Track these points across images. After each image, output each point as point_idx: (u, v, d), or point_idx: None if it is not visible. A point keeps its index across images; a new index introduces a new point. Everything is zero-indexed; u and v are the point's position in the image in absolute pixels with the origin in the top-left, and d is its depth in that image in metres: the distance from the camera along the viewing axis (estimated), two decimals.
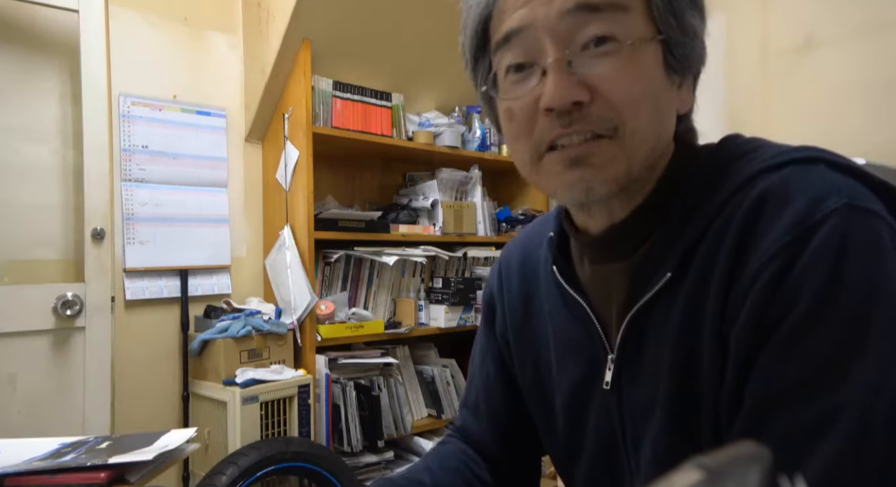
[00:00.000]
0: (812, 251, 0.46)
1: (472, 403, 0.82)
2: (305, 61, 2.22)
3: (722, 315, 0.51)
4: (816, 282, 0.45)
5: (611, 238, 0.59)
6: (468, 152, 2.72)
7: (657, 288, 0.55)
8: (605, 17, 0.51)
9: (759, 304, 0.47)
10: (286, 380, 2.02)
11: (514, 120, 0.57)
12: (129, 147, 2.13)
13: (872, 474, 0.42)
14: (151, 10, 2.20)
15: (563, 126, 0.53)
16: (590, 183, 0.54)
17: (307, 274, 2.19)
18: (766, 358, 0.47)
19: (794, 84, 2.30)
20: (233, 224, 2.37)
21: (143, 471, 0.98)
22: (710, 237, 0.53)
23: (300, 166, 2.23)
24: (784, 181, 0.50)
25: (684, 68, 0.56)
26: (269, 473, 1.81)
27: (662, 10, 0.53)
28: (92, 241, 1.91)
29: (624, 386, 0.60)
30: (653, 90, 0.53)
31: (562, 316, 0.67)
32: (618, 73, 0.52)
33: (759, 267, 0.48)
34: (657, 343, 0.56)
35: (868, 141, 2.08)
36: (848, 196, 0.47)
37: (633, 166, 0.54)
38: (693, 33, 0.55)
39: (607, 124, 0.52)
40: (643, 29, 0.53)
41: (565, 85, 0.51)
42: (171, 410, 2.20)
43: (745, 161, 0.55)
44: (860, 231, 0.46)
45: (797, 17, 2.29)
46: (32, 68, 1.93)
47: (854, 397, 0.43)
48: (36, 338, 1.84)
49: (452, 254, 2.67)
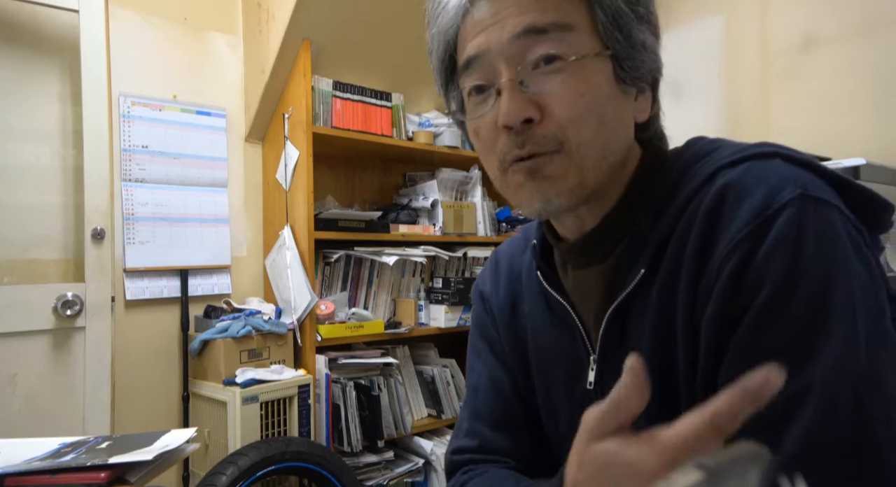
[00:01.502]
0: (771, 240, 0.49)
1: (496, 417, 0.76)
2: (305, 61, 2.22)
3: (692, 307, 0.54)
4: (777, 270, 0.48)
5: (586, 244, 0.63)
6: (468, 152, 2.72)
7: (632, 285, 0.58)
8: (552, 37, 0.55)
9: (726, 293, 0.50)
10: (286, 380, 2.02)
11: (481, 137, 0.61)
12: (129, 147, 2.14)
13: (844, 449, 0.44)
14: (151, 10, 2.20)
15: (519, 147, 0.57)
16: (546, 194, 0.57)
17: (307, 274, 2.19)
18: (735, 344, 0.50)
19: (794, 84, 2.30)
20: (233, 224, 2.37)
21: (143, 471, 0.98)
22: (677, 233, 0.56)
23: (300, 166, 2.23)
24: (742, 175, 0.53)
25: (636, 79, 0.59)
26: (269, 473, 1.81)
27: (608, 27, 0.56)
28: (92, 241, 1.91)
29: (607, 386, 0.61)
30: (598, 103, 0.56)
31: (545, 319, 0.69)
32: (564, 89, 0.55)
33: (723, 257, 0.51)
34: (637, 340, 0.59)
35: (868, 141, 2.08)
36: (802, 186, 0.50)
37: (586, 177, 0.57)
38: (642, 46, 0.58)
39: (553, 141, 0.56)
40: (589, 45, 0.56)
41: (517, 102, 0.55)
42: (171, 410, 2.20)
43: (706, 160, 0.58)
44: (815, 219, 0.49)
45: (797, 17, 2.30)
46: (32, 68, 1.93)
47: (815, 381, 0.45)
48: (36, 338, 1.84)
49: (452, 254, 2.67)
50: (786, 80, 2.32)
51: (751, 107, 2.40)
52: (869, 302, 0.48)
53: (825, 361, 0.45)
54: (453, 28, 0.60)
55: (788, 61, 2.32)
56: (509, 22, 0.56)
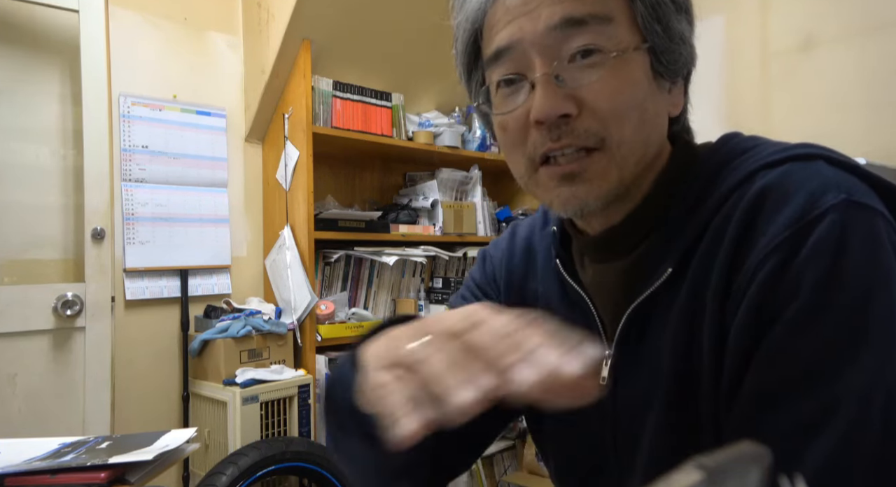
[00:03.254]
0: (811, 246, 0.46)
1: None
2: (305, 61, 2.22)
3: (722, 311, 0.51)
4: (815, 277, 0.45)
5: (609, 239, 0.60)
6: (468, 152, 2.72)
7: (658, 283, 0.56)
8: (591, 29, 0.52)
9: (759, 299, 0.48)
10: (286, 380, 2.02)
11: (508, 132, 0.58)
12: (129, 147, 2.14)
13: (869, 469, 0.42)
14: (151, 10, 2.20)
15: (553, 140, 0.54)
16: (583, 199, 0.55)
17: (307, 274, 2.19)
18: (765, 352, 0.47)
19: (794, 84, 2.30)
20: (233, 224, 2.37)
21: (143, 471, 0.98)
22: (710, 234, 0.53)
23: (300, 166, 2.23)
24: (783, 177, 0.50)
25: (673, 72, 0.57)
26: (269, 473, 1.81)
27: (647, 19, 0.54)
28: (92, 241, 1.91)
29: (619, 382, 0.60)
30: (638, 99, 0.54)
31: (561, 308, 0.67)
32: (603, 85, 0.53)
33: (758, 261, 0.48)
34: (656, 338, 0.57)
35: (868, 141, 2.08)
36: (846, 191, 0.48)
37: (625, 175, 0.55)
38: (680, 38, 0.56)
39: (594, 137, 0.53)
40: (628, 38, 0.54)
41: (553, 98, 0.52)
42: (171, 410, 2.20)
43: (744, 158, 0.55)
44: (859, 226, 0.46)
45: (797, 17, 2.29)
46: (32, 68, 1.93)
47: (850, 392, 0.43)
48: (36, 338, 1.84)
49: (452, 254, 2.67)
50: (786, 80, 2.32)
51: (751, 107, 2.40)
52: None
53: (858, 375, 0.43)
54: (480, 14, 0.57)
55: (788, 61, 2.32)
56: (544, 11, 0.53)
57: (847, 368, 0.44)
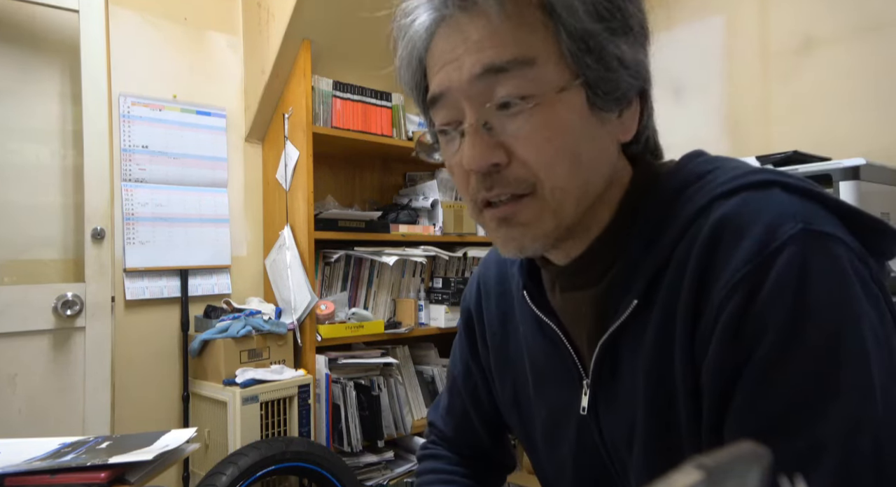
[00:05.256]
0: (773, 281, 0.45)
1: (460, 412, 0.84)
2: (305, 61, 2.22)
3: (691, 347, 0.51)
4: (781, 315, 0.45)
5: (575, 269, 0.60)
6: None
7: (626, 315, 0.55)
8: (515, 74, 0.50)
9: (726, 339, 0.47)
10: (286, 380, 2.02)
11: (455, 177, 0.58)
12: (129, 147, 2.14)
13: None
14: (151, 10, 2.20)
15: (487, 189, 0.54)
16: (520, 241, 0.55)
17: (307, 274, 2.19)
18: (741, 395, 0.46)
19: (794, 84, 2.30)
20: (233, 224, 2.37)
21: (143, 471, 0.98)
22: (672, 265, 0.53)
23: (300, 166, 2.23)
24: (739, 207, 0.50)
25: (615, 100, 0.54)
26: (269, 473, 1.81)
27: (576, 53, 0.51)
28: (92, 241, 1.91)
29: (601, 412, 0.60)
30: (570, 144, 0.52)
31: (537, 339, 0.67)
32: (530, 134, 0.51)
33: (721, 299, 0.47)
34: (631, 370, 0.56)
35: (868, 141, 2.08)
36: (804, 220, 0.47)
37: (563, 219, 0.54)
38: (619, 64, 0.52)
39: (524, 184, 0.52)
40: (556, 78, 0.51)
41: (481, 148, 0.52)
42: (171, 410, 2.20)
43: (700, 185, 0.54)
44: (818, 256, 0.45)
45: (797, 17, 2.30)
46: (32, 68, 1.93)
47: (834, 433, 0.42)
48: (36, 338, 1.84)
49: (452, 254, 2.67)
50: (786, 80, 2.32)
51: (751, 107, 2.40)
52: (881, 345, 0.45)
53: (839, 417, 0.42)
54: (418, 56, 0.57)
55: (788, 61, 2.32)
56: (466, 61, 0.52)
57: (826, 409, 0.43)
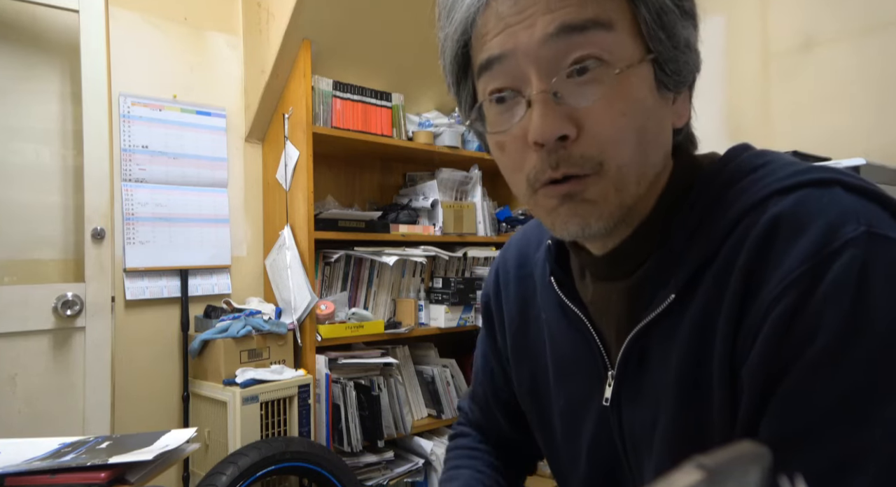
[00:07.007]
0: (830, 283, 0.43)
1: (482, 399, 0.85)
2: (305, 61, 2.22)
3: (733, 345, 0.49)
4: (835, 319, 0.43)
5: (611, 259, 0.58)
6: (468, 152, 2.72)
7: (661, 308, 0.54)
8: (591, 37, 0.48)
9: (774, 339, 0.45)
10: (286, 380, 2.02)
11: (506, 154, 0.54)
12: (129, 147, 2.14)
13: None
14: (151, 10, 2.20)
15: (552, 167, 0.51)
16: (586, 218, 0.52)
17: (307, 274, 2.19)
18: (784, 396, 0.45)
19: (794, 84, 2.30)
20: (233, 224, 2.37)
21: (143, 471, 0.98)
22: (719, 261, 0.50)
23: (300, 166, 2.23)
24: (798, 205, 0.47)
25: (678, 83, 0.53)
26: (269, 473, 1.81)
27: (652, 26, 0.50)
28: (92, 241, 1.91)
29: (624, 405, 0.59)
30: (640, 121, 0.51)
31: (561, 327, 0.66)
32: (604, 107, 0.49)
33: (773, 298, 0.45)
34: (660, 365, 0.55)
35: (868, 141, 2.08)
36: (867, 222, 0.44)
37: (626, 198, 0.52)
38: (686, 45, 0.52)
39: (591, 163, 0.50)
40: (631, 50, 0.50)
41: (552, 118, 0.49)
42: (171, 410, 2.20)
43: (752, 179, 0.52)
44: (881, 261, 0.43)
45: (797, 17, 2.29)
46: (32, 68, 1.93)
47: (878, 442, 0.41)
48: (36, 338, 1.84)
49: (452, 254, 2.67)
50: (786, 80, 2.32)
51: (751, 107, 2.40)
52: None
53: (885, 425, 0.41)
54: (470, 22, 0.52)
55: (788, 61, 2.31)
56: (540, 19, 0.48)
57: (872, 417, 0.42)
